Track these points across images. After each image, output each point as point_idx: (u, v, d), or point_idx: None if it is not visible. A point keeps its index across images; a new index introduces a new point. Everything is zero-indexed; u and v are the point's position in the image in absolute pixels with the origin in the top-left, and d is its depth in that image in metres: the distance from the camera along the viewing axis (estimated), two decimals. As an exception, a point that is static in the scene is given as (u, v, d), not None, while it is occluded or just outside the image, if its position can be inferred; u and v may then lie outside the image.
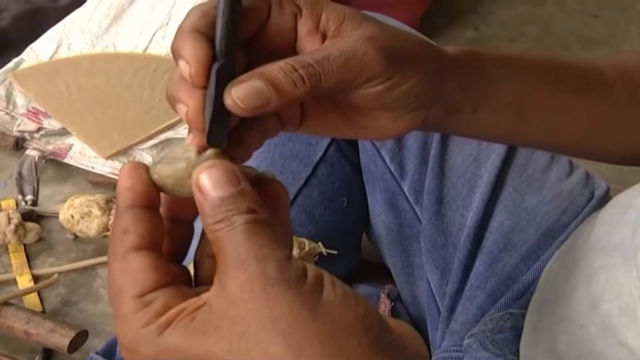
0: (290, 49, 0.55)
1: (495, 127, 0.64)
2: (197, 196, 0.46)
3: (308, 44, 0.54)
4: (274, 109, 0.51)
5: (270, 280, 0.43)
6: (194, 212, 0.51)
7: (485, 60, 0.62)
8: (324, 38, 0.54)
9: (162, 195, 0.50)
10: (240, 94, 0.50)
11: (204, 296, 0.45)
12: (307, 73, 0.51)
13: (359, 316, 0.44)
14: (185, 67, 0.49)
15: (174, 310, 0.44)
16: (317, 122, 0.58)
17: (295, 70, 0.50)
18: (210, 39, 0.50)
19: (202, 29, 0.50)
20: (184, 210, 0.52)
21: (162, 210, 0.50)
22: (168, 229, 0.50)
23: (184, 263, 0.53)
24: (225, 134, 0.51)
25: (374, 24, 0.55)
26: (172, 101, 0.52)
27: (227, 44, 0.50)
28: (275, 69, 0.50)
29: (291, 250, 0.47)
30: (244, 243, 0.44)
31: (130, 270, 0.46)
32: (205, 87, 0.50)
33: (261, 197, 0.47)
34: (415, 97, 0.56)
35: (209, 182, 0.46)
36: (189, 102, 0.50)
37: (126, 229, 0.47)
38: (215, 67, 0.50)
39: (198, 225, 0.51)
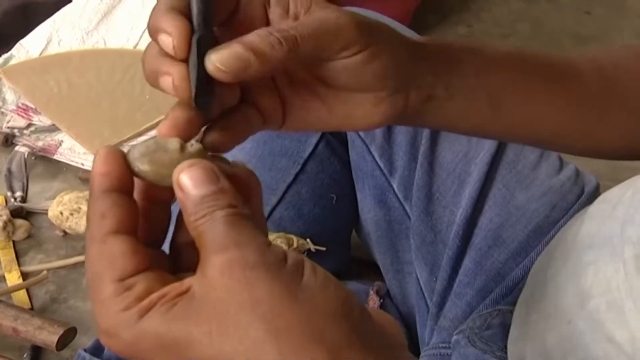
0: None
1: (471, 116, 0.65)
2: (179, 194, 0.46)
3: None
4: (257, 73, 0.51)
5: (249, 264, 0.43)
6: (170, 197, 0.51)
7: (454, 48, 0.63)
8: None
9: (135, 179, 0.50)
10: (220, 58, 0.50)
11: (187, 281, 0.44)
12: (283, 36, 0.51)
13: (339, 301, 0.43)
14: (168, 40, 0.50)
15: (155, 295, 0.44)
16: (299, 115, 0.58)
17: (271, 33, 0.51)
18: (187, 16, 0.51)
19: (178, 6, 0.51)
20: (159, 194, 0.51)
21: (136, 193, 0.50)
22: (144, 212, 0.50)
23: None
24: (211, 100, 0.52)
25: (341, 6, 0.56)
26: (154, 75, 0.52)
27: (205, 18, 0.51)
28: (252, 34, 0.51)
29: (266, 237, 0.47)
30: (225, 231, 0.44)
31: (109, 254, 0.46)
32: (187, 60, 0.51)
33: (234, 186, 0.47)
34: (393, 74, 0.57)
35: (189, 181, 0.46)
36: (174, 71, 0.50)
37: (103, 213, 0.46)
38: (195, 37, 0.50)
39: (174, 211, 0.51)
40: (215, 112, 0.53)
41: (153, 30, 0.51)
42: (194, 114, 0.51)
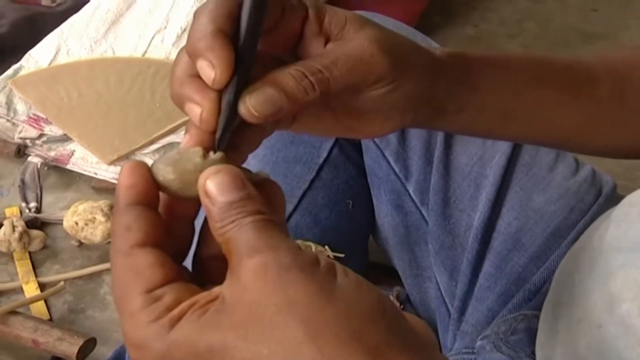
0: (291, 49, 0.56)
1: (479, 126, 0.66)
2: (205, 201, 0.46)
3: (312, 46, 0.55)
4: (283, 116, 0.52)
5: (284, 266, 0.43)
6: (195, 211, 0.51)
7: (469, 63, 0.63)
8: (326, 40, 0.55)
9: (160, 194, 0.50)
10: (254, 103, 0.50)
11: (216, 290, 0.44)
12: (316, 79, 0.52)
13: (374, 301, 0.43)
14: (209, 70, 0.49)
15: (185, 303, 0.44)
16: (309, 121, 0.59)
17: (306, 77, 0.51)
18: (233, 40, 0.50)
19: (227, 28, 0.50)
20: (184, 208, 0.51)
21: (160, 209, 0.50)
22: (168, 228, 0.50)
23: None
24: (229, 138, 0.52)
25: (374, 27, 0.56)
26: (182, 99, 0.52)
27: (251, 47, 0.50)
28: (287, 76, 0.51)
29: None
30: (256, 236, 0.44)
31: (136, 266, 0.45)
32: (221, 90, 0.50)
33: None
34: (411, 101, 0.58)
35: (216, 187, 0.46)
36: (205, 104, 0.50)
37: (128, 226, 0.46)
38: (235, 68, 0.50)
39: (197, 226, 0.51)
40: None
41: (194, 53, 0.50)
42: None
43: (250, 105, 0.50)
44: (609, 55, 0.72)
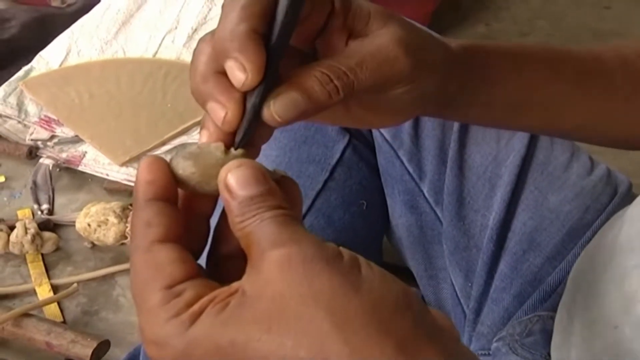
0: (311, 41, 0.56)
1: (487, 117, 0.66)
2: (225, 195, 0.46)
3: (334, 39, 0.55)
4: (306, 119, 0.52)
5: (308, 258, 0.42)
6: (211, 209, 0.51)
7: (484, 55, 0.63)
8: (349, 34, 0.55)
9: (178, 191, 0.50)
10: (278, 109, 0.50)
11: (235, 285, 0.44)
12: (342, 84, 0.51)
13: (400, 292, 0.42)
14: (240, 73, 0.48)
15: (205, 299, 0.43)
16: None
17: (331, 81, 0.51)
18: (265, 39, 0.49)
19: (260, 29, 0.49)
20: (200, 205, 0.51)
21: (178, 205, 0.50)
22: (184, 224, 0.49)
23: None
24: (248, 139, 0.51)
25: (398, 23, 0.55)
26: (204, 97, 0.51)
27: (282, 47, 0.50)
28: (312, 80, 0.51)
29: None
30: (278, 229, 0.44)
31: (156, 262, 0.45)
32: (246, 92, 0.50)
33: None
34: (427, 100, 0.58)
35: (237, 181, 0.45)
36: (231, 107, 0.50)
37: (149, 221, 0.46)
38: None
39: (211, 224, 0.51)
40: None
41: (223, 51, 0.49)
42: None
43: (274, 111, 0.50)
44: (623, 47, 0.72)
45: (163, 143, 1.57)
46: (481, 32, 2.05)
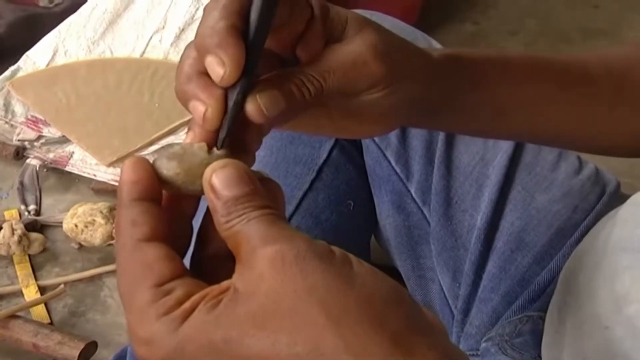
0: (291, 48, 0.56)
1: (470, 125, 0.67)
2: (210, 195, 0.46)
3: (313, 45, 0.55)
4: (282, 119, 0.52)
5: (301, 254, 0.42)
6: (193, 209, 0.51)
7: (466, 64, 0.63)
8: (327, 40, 0.55)
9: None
10: (266, 102, 0.50)
11: (225, 283, 0.44)
12: (314, 87, 0.53)
13: (391, 287, 0.43)
14: (218, 67, 0.49)
15: (197, 296, 0.43)
16: (302, 120, 0.58)
17: (304, 84, 0.52)
18: (243, 35, 0.49)
19: (239, 25, 0.49)
20: (183, 206, 0.51)
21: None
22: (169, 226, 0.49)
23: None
24: (230, 138, 0.51)
25: (373, 29, 0.56)
26: (186, 97, 0.51)
27: (259, 45, 0.50)
28: (288, 81, 0.52)
29: None
30: (267, 227, 0.44)
31: (144, 260, 0.45)
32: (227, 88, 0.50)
33: None
34: (406, 107, 0.58)
35: (222, 181, 0.45)
36: (211, 103, 0.50)
37: (134, 220, 0.46)
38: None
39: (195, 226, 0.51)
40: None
41: (203, 48, 0.49)
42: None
43: (262, 104, 0.50)
44: (608, 53, 0.72)
45: (151, 143, 1.56)
46: (469, 31, 2.05)
